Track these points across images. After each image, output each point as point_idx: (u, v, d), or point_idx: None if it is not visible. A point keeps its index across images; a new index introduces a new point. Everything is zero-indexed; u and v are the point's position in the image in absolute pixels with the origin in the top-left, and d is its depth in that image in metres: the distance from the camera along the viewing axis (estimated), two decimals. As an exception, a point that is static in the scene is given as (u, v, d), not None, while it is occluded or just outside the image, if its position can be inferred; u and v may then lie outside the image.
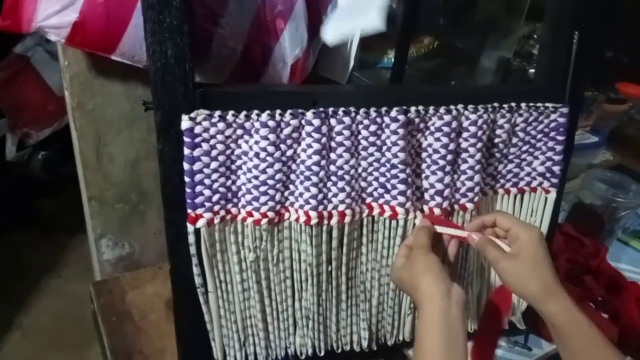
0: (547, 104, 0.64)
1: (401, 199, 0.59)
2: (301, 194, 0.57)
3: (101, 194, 0.74)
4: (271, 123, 0.53)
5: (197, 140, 0.52)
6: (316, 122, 0.54)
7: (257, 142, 0.54)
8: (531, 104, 0.63)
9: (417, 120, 0.58)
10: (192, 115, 0.51)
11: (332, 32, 0.63)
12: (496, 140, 0.63)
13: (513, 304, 0.71)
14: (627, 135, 1.27)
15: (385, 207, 0.60)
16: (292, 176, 0.57)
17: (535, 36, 0.91)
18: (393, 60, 0.75)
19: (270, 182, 0.55)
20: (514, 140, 0.65)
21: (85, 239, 0.84)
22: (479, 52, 0.87)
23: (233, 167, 0.56)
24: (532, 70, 0.86)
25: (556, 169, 0.66)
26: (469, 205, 0.63)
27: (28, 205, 2.05)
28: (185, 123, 0.51)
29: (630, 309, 0.83)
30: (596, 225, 0.95)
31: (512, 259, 0.53)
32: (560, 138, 0.65)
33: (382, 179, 0.59)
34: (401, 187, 0.58)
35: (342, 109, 0.55)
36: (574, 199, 1.01)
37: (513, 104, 0.62)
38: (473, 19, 0.89)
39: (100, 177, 0.73)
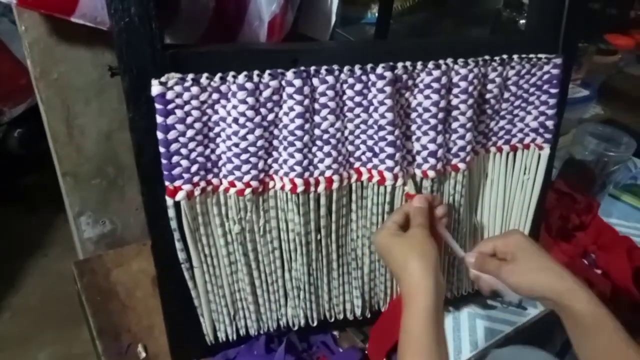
0: (540, 55, 0.60)
1: (389, 163, 0.56)
2: (285, 161, 0.54)
3: (75, 169, 0.71)
4: (249, 85, 0.49)
5: (170, 106, 0.48)
6: (297, 82, 0.51)
7: (235, 107, 0.50)
8: (523, 56, 0.60)
9: (404, 77, 0.55)
10: (163, 79, 0.47)
11: None
12: (487, 95, 0.61)
13: None
14: (617, 88, 1.24)
15: (374, 171, 0.57)
16: (275, 142, 0.54)
17: (526, -15, 0.86)
18: (377, 14, 0.71)
19: (252, 149, 0.52)
20: (506, 94, 0.62)
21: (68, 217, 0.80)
22: (466, 3, 0.82)
23: (211, 134, 0.52)
24: (522, 21, 0.82)
25: (549, 123, 0.64)
26: (461, 166, 0.61)
27: (8, 183, 2.00)
28: (155, 88, 0.47)
29: (622, 263, 0.83)
30: (588, 181, 0.94)
31: (511, 263, 0.50)
32: (553, 91, 0.62)
33: (370, 142, 0.56)
34: (389, 150, 0.56)
35: (324, 67, 0.52)
36: (565, 154, 0.99)
37: (505, 56, 0.59)
38: (461, -31, 0.84)
39: (73, 151, 0.69)
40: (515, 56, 0.59)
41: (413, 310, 0.47)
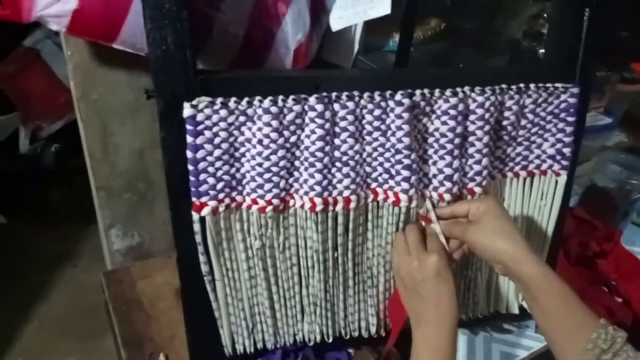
0: (556, 84, 0.62)
1: (405, 185, 0.58)
2: (306, 181, 0.57)
3: (108, 184, 0.75)
4: (273, 109, 0.53)
5: (200, 127, 0.52)
6: (319, 107, 0.54)
7: (260, 129, 0.53)
8: (540, 85, 0.61)
9: (422, 103, 0.57)
10: (194, 102, 0.51)
11: (338, 19, 0.62)
12: (504, 122, 0.62)
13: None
14: (642, 116, 1.24)
15: (389, 193, 0.59)
16: (297, 163, 0.57)
17: (545, 15, 0.88)
18: (398, 43, 0.74)
19: (275, 169, 0.55)
20: (523, 122, 0.63)
21: (98, 230, 0.84)
22: (486, 33, 0.85)
23: (237, 154, 0.55)
24: (542, 51, 0.84)
25: (566, 151, 0.65)
26: (477, 190, 0.62)
27: (41, 196, 2.08)
28: (187, 111, 0.51)
29: (644, 292, 0.82)
30: (609, 208, 0.93)
31: (476, 224, 0.54)
32: (570, 119, 0.63)
33: (386, 165, 0.59)
34: (405, 173, 0.58)
35: (345, 93, 0.55)
36: (586, 182, 0.99)
37: (521, 85, 0.61)
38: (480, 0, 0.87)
39: (107, 167, 0.73)
40: (532, 85, 0.61)
41: (443, 327, 0.51)
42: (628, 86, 1.10)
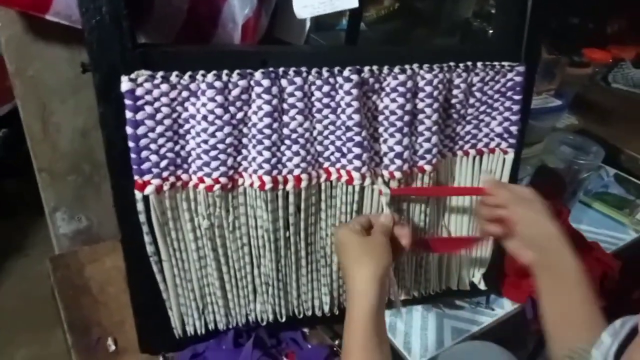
0: (503, 63, 0.63)
1: (357, 163, 0.58)
2: (254, 159, 0.56)
3: (51, 166, 0.71)
4: (218, 84, 0.51)
5: (140, 102, 0.50)
6: (266, 82, 0.52)
7: (204, 105, 0.52)
8: (487, 63, 0.62)
9: (371, 80, 0.57)
10: (132, 76, 0.49)
11: (303, 7, 0.60)
12: (453, 100, 0.63)
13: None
14: (591, 100, 1.28)
15: (342, 171, 0.59)
16: (244, 140, 0.55)
17: (494, -4, 0.89)
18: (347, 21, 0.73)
19: (221, 146, 0.54)
20: (471, 100, 0.64)
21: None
22: (438, 13, 0.85)
23: (181, 131, 0.53)
24: (492, 31, 0.85)
25: (513, 129, 0.66)
26: (427, 168, 0.63)
27: (-10, 185, 1.99)
28: (125, 85, 0.49)
29: (591, 269, 0.85)
30: (558, 188, 0.96)
31: (522, 203, 0.55)
32: (517, 97, 0.65)
33: (338, 143, 0.58)
34: (357, 150, 0.57)
35: (293, 68, 0.54)
36: (537, 162, 1.02)
37: (469, 63, 0.61)
38: (433, -20, 0.87)
39: (49, 148, 0.70)
40: (479, 63, 0.62)
41: (355, 313, 0.49)
42: (578, 70, 1.13)
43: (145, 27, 0.58)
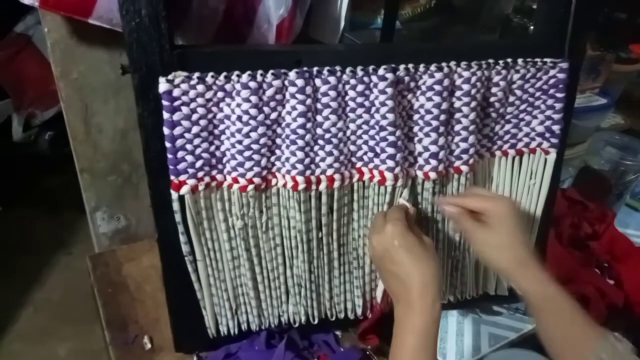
0: (545, 59, 0.60)
1: (390, 163, 0.57)
2: (287, 159, 0.55)
3: (92, 166, 0.74)
4: (252, 84, 0.51)
5: (177, 103, 0.50)
6: (300, 82, 0.52)
7: (239, 105, 0.52)
8: (528, 60, 0.60)
9: (406, 79, 0.56)
10: (170, 77, 0.49)
11: None
12: (492, 99, 0.61)
13: None
14: (639, 98, 1.22)
15: (375, 172, 0.58)
16: (278, 140, 0.55)
17: (536, -9, 0.86)
18: (382, 19, 0.72)
19: (255, 146, 0.54)
20: (511, 98, 0.62)
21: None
22: (477, 9, 0.83)
23: (216, 131, 0.54)
24: (533, 27, 0.82)
25: (556, 128, 0.63)
26: (464, 168, 0.61)
27: (36, 184, 2.08)
28: (162, 86, 0.49)
29: (637, 274, 0.81)
30: (603, 190, 0.92)
31: (485, 230, 0.52)
32: (559, 95, 0.62)
33: (371, 142, 0.57)
34: (390, 150, 0.56)
35: (327, 68, 0.53)
36: (580, 163, 0.98)
37: (509, 60, 0.59)
38: (471, -25, 0.85)
39: (90, 148, 0.72)
40: (520, 60, 0.60)
41: (414, 324, 0.47)
42: (624, 66, 1.08)
43: (183, 29, 0.59)
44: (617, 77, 1.07)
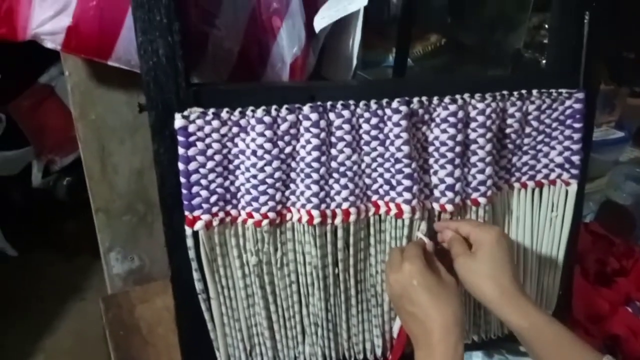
0: (560, 90, 0.60)
1: (407, 195, 0.56)
2: (302, 193, 0.55)
3: (107, 206, 0.74)
4: (267, 119, 0.52)
5: (192, 139, 0.51)
6: (314, 116, 0.52)
7: (253, 140, 0.52)
8: (543, 91, 0.60)
9: (420, 111, 0.56)
10: (185, 113, 0.50)
11: (321, 19, 0.61)
12: (508, 130, 0.60)
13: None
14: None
15: (391, 204, 0.57)
16: (293, 175, 0.55)
17: (545, 26, 0.87)
18: (394, 54, 0.73)
19: (270, 180, 0.53)
20: (528, 130, 0.61)
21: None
22: (487, 46, 0.84)
23: (231, 167, 0.54)
24: (544, 61, 0.82)
25: (575, 158, 0.62)
26: (482, 200, 0.60)
27: (53, 229, 2.09)
28: (178, 122, 0.50)
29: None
30: (627, 225, 0.89)
31: (471, 257, 0.51)
32: (577, 125, 0.61)
33: (386, 175, 0.57)
34: (406, 182, 0.56)
35: (340, 102, 0.53)
36: (601, 198, 0.96)
37: (523, 92, 0.59)
38: (479, 14, 0.86)
39: (106, 188, 0.73)
40: (534, 91, 0.59)
41: (437, 345, 0.46)
42: (639, 100, 1.07)
43: (199, 70, 0.60)
44: (633, 110, 1.06)
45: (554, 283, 0.68)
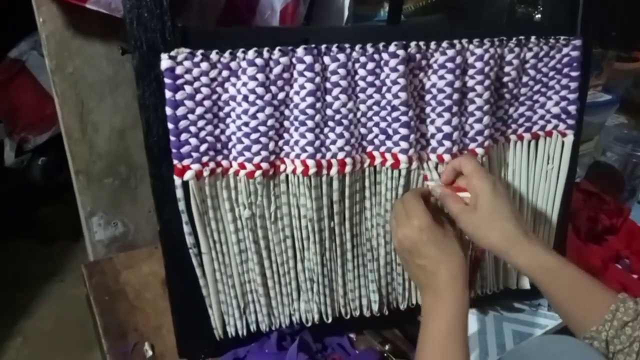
0: (558, 37, 0.59)
1: (404, 144, 0.54)
2: (297, 142, 0.53)
3: (88, 167, 0.70)
4: (259, 61, 0.49)
5: (180, 82, 0.48)
6: (308, 59, 0.50)
7: (244, 84, 0.49)
8: (541, 38, 0.58)
9: (418, 56, 0.54)
10: (172, 53, 0.47)
11: None
12: (505, 79, 0.59)
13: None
14: (640, 98, 1.21)
15: (387, 155, 0.55)
16: (286, 123, 0.53)
17: (539, -21, 0.86)
18: (388, 4, 0.70)
19: (262, 128, 0.51)
20: (525, 79, 0.60)
21: (86, 246, 0.79)
22: (479, 3, 0.82)
23: (221, 114, 0.51)
24: (538, 16, 0.81)
25: (572, 108, 0.61)
26: (479, 151, 0.58)
27: (27, 212, 2.02)
28: (165, 62, 0.47)
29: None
30: (616, 185, 0.90)
31: (470, 212, 0.50)
32: (574, 74, 0.60)
33: (382, 124, 0.55)
34: (403, 131, 0.54)
35: (335, 45, 0.51)
36: (589, 160, 0.96)
37: (522, 38, 0.57)
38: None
39: (86, 148, 0.69)
40: (532, 37, 0.58)
41: (442, 317, 0.46)
42: (626, 64, 1.08)
43: (185, 15, 0.57)
44: (620, 75, 1.06)
45: (548, 237, 0.68)
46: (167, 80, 0.47)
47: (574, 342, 0.46)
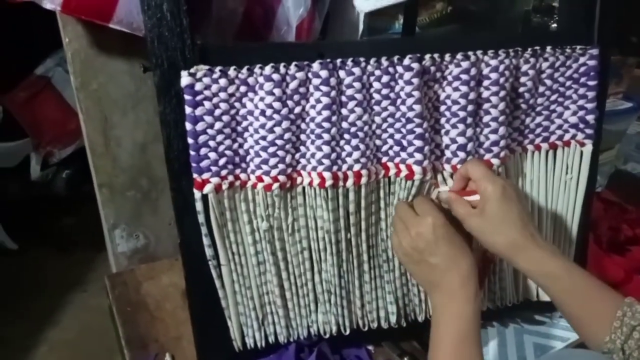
0: (574, 46, 0.59)
1: (418, 156, 0.54)
2: (313, 155, 0.53)
3: (111, 181, 0.72)
4: (275, 76, 0.50)
5: (199, 98, 0.49)
6: (324, 73, 0.51)
7: (262, 99, 0.51)
8: (557, 47, 0.58)
9: (432, 69, 0.54)
10: (192, 70, 0.48)
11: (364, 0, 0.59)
12: (521, 89, 0.59)
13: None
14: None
15: (402, 166, 0.56)
16: (303, 136, 0.54)
17: (555, -12, 0.86)
18: (403, 16, 0.71)
19: (279, 142, 0.52)
20: (541, 89, 0.60)
21: (108, 256, 0.81)
22: (494, 12, 0.82)
23: (239, 128, 0.52)
24: (554, 26, 0.81)
25: (590, 118, 0.61)
26: (495, 161, 0.58)
27: (53, 223, 2.07)
28: (184, 79, 0.48)
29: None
30: (639, 192, 0.88)
31: (477, 216, 0.50)
32: (592, 83, 0.60)
33: (397, 136, 0.55)
34: (418, 143, 0.54)
35: (350, 59, 0.52)
36: (611, 169, 0.94)
37: (537, 48, 0.57)
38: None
39: (109, 162, 0.71)
40: (548, 48, 0.58)
41: (456, 311, 0.46)
42: (647, 71, 1.06)
43: (203, 30, 0.59)
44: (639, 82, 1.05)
45: (569, 248, 0.67)
46: (186, 97, 0.49)
47: (596, 357, 0.45)
